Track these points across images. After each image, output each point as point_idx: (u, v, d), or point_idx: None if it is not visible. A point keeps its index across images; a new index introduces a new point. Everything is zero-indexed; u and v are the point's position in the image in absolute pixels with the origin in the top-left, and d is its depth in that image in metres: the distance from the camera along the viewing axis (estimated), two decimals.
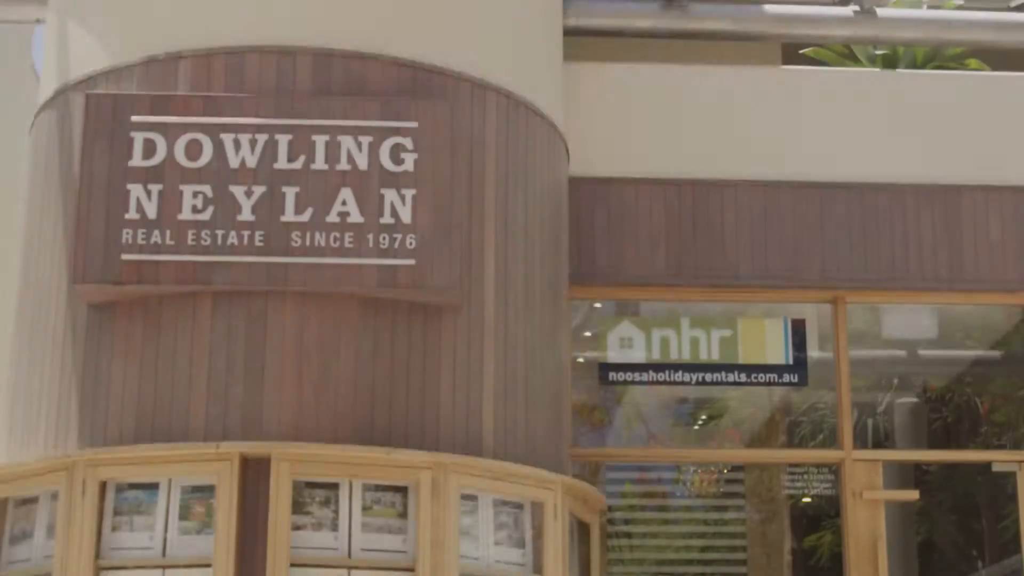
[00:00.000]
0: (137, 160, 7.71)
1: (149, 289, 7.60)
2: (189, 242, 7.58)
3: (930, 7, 11.05)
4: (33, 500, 7.66)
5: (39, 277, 8.19)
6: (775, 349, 9.65)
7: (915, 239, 9.82)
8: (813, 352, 9.83)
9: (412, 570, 7.25)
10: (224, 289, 7.60)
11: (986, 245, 9.84)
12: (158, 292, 7.62)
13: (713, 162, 9.78)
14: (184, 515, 7.31)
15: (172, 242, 7.58)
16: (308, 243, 7.61)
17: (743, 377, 9.59)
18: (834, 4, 10.49)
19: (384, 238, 7.65)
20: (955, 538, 14.32)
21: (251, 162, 7.70)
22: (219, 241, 7.59)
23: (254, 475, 7.28)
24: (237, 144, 7.72)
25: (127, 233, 7.59)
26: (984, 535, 13.83)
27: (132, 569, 7.27)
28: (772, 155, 9.84)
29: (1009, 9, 11.01)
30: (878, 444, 12.18)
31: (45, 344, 8.00)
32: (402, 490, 7.41)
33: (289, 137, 7.74)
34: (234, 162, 7.70)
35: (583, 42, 10.09)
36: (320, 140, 7.75)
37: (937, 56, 10.98)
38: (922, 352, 11.30)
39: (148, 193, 7.65)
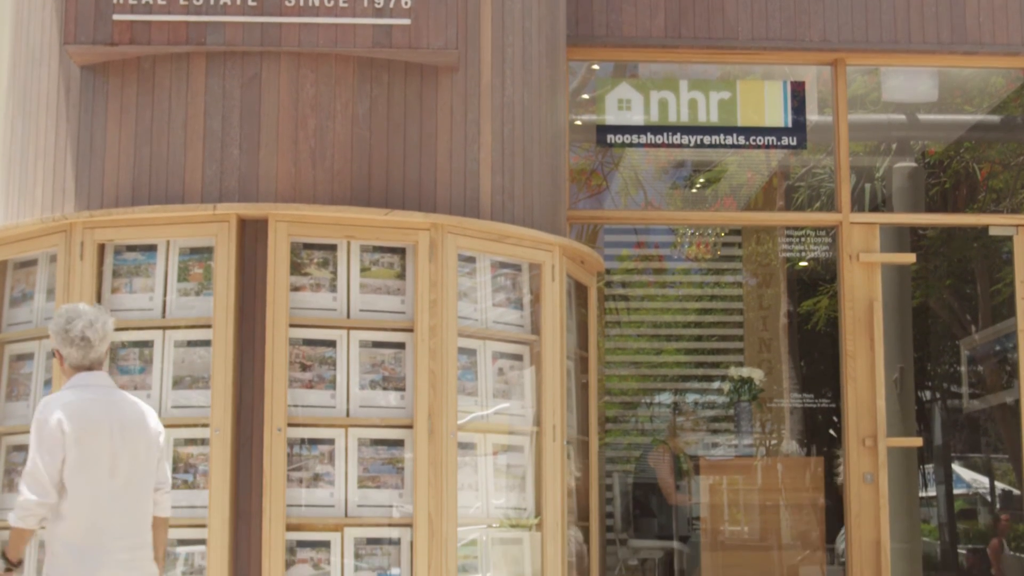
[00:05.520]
0: None
1: (141, 50, 7.51)
2: (181, 2, 7.47)
3: None
4: (32, 262, 7.69)
5: (30, 39, 8.08)
6: (774, 112, 9.58)
7: (916, 0, 9.67)
8: (812, 115, 9.78)
9: (411, 330, 7.32)
10: (217, 50, 7.51)
11: (988, 6, 9.69)
12: (151, 53, 7.53)
13: None
14: (183, 276, 7.34)
15: (164, 2, 7.47)
16: (302, 2, 7.49)
17: (741, 140, 9.53)
18: None
19: None
20: (949, 302, 14.45)
21: None
22: (211, 1, 7.47)
23: (252, 237, 7.30)
24: None
25: None
26: (978, 299, 13.95)
27: (133, 330, 7.34)
28: None
29: None
30: (875, 209, 12.20)
31: (39, 107, 7.93)
32: (400, 251, 7.43)
33: None
34: None
35: None
36: None
37: None
38: (921, 116, 11.23)
39: None
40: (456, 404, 7.30)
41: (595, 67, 9.87)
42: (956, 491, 17.16)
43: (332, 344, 7.28)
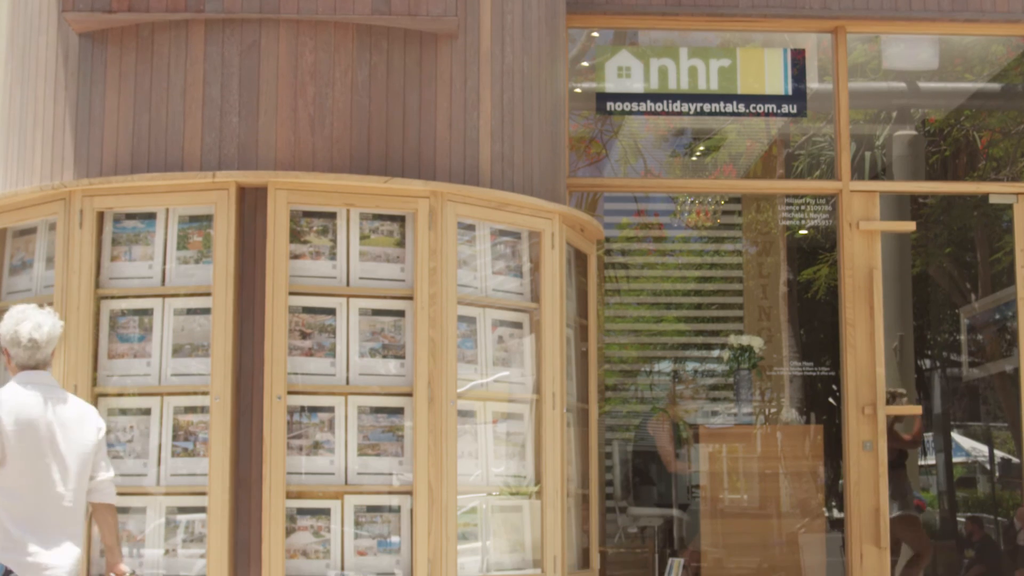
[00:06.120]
0: None
1: (140, 17, 7.48)
2: None
3: None
4: (31, 230, 7.69)
5: (29, 7, 8.06)
6: (774, 80, 9.55)
7: None
8: (812, 83, 9.75)
9: (411, 298, 7.32)
10: (216, 17, 7.48)
11: None
12: (149, 20, 7.50)
13: None
14: (182, 244, 7.34)
15: None
16: None
17: (741, 107, 9.51)
18: None
19: None
20: (949, 271, 14.46)
21: None
22: None
23: (251, 205, 7.29)
24: None
25: None
26: (978, 268, 13.95)
27: (133, 298, 7.34)
28: None
29: None
30: (875, 177, 12.19)
31: (37, 75, 7.92)
32: (400, 219, 7.43)
33: None
34: None
35: None
36: None
37: None
38: (922, 84, 11.21)
39: None
40: (456, 372, 7.30)
41: (595, 34, 9.84)
42: (955, 459, 17.21)
43: (332, 312, 7.29)
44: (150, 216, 7.39)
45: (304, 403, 7.19)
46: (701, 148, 11.90)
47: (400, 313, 7.35)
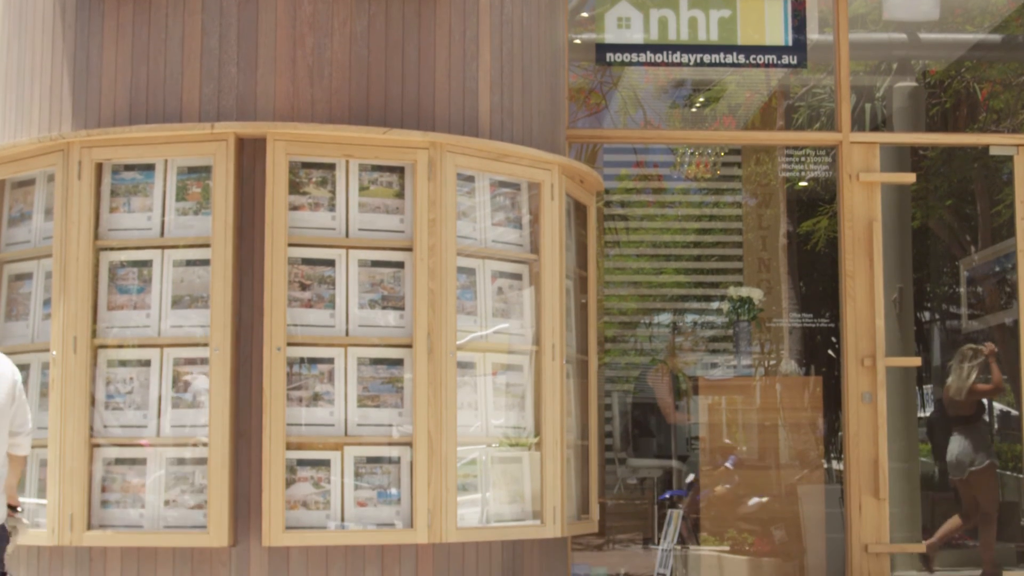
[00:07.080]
0: None
1: None
2: None
3: None
4: (30, 182, 7.67)
5: None
6: (775, 30, 9.51)
7: None
8: (813, 34, 9.71)
9: (410, 249, 7.31)
10: None
11: None
12: None
13: None
14: (181, 196, 7.33)
15: None
16: None
17: (741, 58, 9.47)
18: None
19: None
20: (949, 223, 14.43)
21: None
22: None
23: (250, 156, 7.27)
24: None
25: None
26: (978, 220, 13.94)
27: (132, 250, 7.33)
28: None
29: None
30: (875, 129, 12.16)
31: (35, 27, 7.88)
32: (399, 170, 7.41)
33: None
34: None
35: None
36: None
37: None
38: (922, 35, 11.16)
39: None
40: (455, 323, 7.31)
41: None
42: None
43: (331, 263, 7.28)
44: (149, 167, 7.37)
45: (303, 354, 7.20)
46: (701, 99, 11.87)
47: (399, 264, 7.35)
